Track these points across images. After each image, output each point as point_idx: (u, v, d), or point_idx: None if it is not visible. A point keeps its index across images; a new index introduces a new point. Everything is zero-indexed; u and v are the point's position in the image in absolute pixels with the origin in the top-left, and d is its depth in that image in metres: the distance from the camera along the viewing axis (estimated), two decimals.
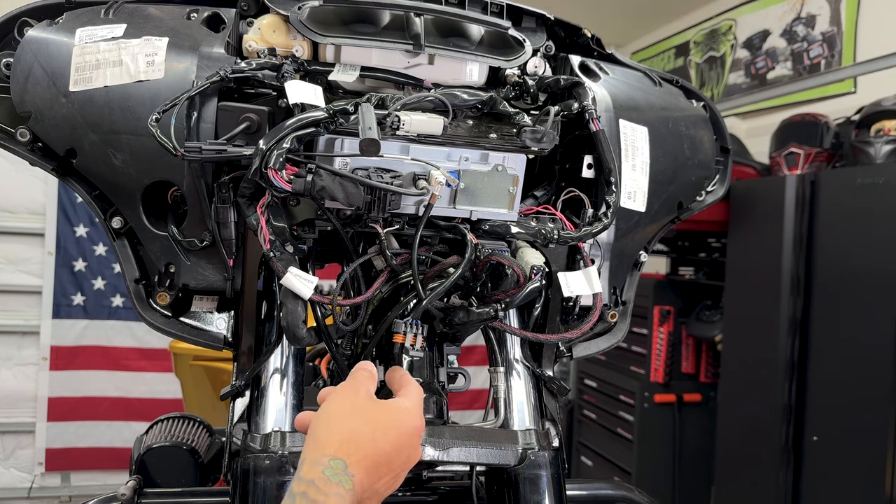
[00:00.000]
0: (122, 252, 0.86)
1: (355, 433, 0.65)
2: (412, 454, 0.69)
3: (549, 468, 0.87)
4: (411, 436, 0.69)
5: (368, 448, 0.64)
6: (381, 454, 0.65)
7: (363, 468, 0.63)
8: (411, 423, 0.69)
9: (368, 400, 0.70)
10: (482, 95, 0.81)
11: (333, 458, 0.62)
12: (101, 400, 3.57)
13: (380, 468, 0.65)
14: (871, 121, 2.57)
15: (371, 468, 0.64)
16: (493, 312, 0.81)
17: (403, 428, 0.68)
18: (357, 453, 0.64)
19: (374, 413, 0.68)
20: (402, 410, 0.70)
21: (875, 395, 2.22)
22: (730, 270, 2.81)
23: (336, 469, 0.61)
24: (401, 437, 0.67)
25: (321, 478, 0.61)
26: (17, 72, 0.79)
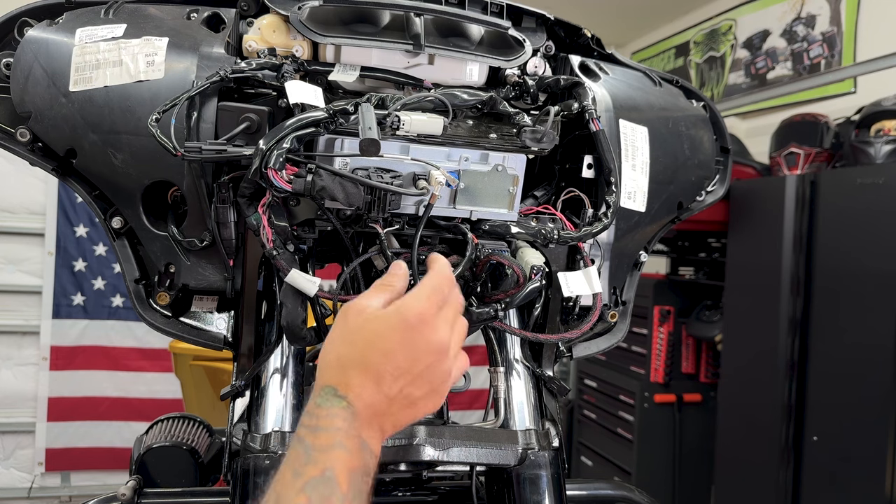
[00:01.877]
0: (122, 252, 0.86)
1: (340, 357, 0.64)
2: (429, 346, 0.65)
3: (549, 468, 0.87)
4: (406, 335, 0.64)
5: (355, 366, 0.63)
6: (374, 367, 0.63)
7: (355, 385, 0.62)
8: (401, 323, 0.64)
9: (356, 317, 0.66)
10: (482, 95, 0.81)
11: (324, 388, 0.63)
12: (101, 400, 3.57)
13: (381, 378, 0.63)
14: (871, 121, 2.57)
15: (367, 383, 0.62)
16: (493, 312, 0.81)
17: (391, 333, 0.64)
18: (344, 375, 0.63)
19: (357, 329, 0.65)
20: (388, 315, 0.65)
21: (875, 395, 2.22)
22: (730, 270, 2.81)
23: (326, 395, 0.62)
24: (389, 341, 0.64)
25: (314, 406, 0.61)
26: (17, 72, 0.79)
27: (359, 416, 0.61)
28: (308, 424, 0.60)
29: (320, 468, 0.57)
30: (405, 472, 0.94)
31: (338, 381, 0.63)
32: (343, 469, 0.57)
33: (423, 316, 0.65)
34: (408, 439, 0.78)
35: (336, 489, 0.56)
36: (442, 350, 0.66)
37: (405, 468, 0.85)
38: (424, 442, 0.78)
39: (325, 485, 0.56)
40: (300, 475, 0.56)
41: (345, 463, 0.58)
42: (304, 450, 0.58)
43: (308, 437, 0.59)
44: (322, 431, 0.59)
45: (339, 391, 0.62)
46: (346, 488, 0.57)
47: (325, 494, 0.55)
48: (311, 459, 0.57)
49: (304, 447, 0.58)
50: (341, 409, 0.61)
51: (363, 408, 0.62)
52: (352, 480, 0.58)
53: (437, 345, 0.66)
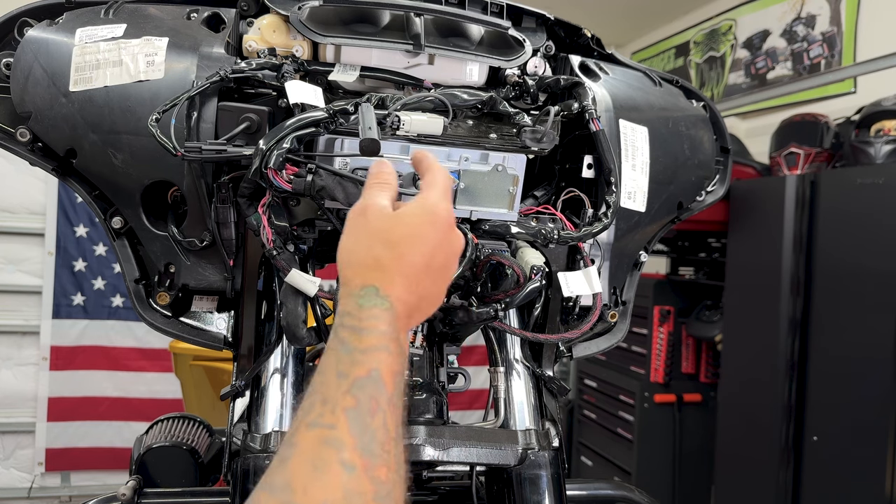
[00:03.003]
0: (122, 252, 0.86)
1: (378, 258, 0.62)
2: (451, 245, 0.67)
3: (549, 468, 0.87)
4: (441, 233, 0.65)
5: (395, 266, 0.62)
6: (411, 266, 0.62)
7: (397, 285, 0.61)
8: (435, 221, 0.65)
9: (381, 218, 0.65)
10: (482, 95, 0.81)
11: (363, 287, 0.61)
12: (101, 400, 3.57)
13: (417, 277, 0.63)
14: (871, 121, 2.57)
15: (406, 282, 0.62)
16: (493, 312, 0.81)
17: (429, 231, 0.64)
18: (385, 275, 0.61)
19: (390, 230, 0.64)
20: (420, 214, 0.65)
21: (875, 395, 2.22)
22: (730, 270, 2.81)
23: (367, 295, 0.60)
24: (427, 241, 0.64)
25: (355, 306, 0.59)
26: (17, 72, 0.79)
27: (399, 317, 0.61)
28: (350, 325, 0.58)
29: (366, 368, 0.55)
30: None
31: (380, 281, 0.61)
32: (388, 370, 0.56)
33: (450, 214, 0.67)
34: (408, 439, 0.78)
35: (383, 389, 0.55)
36: (460, 248, 0.69)
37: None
38: (424, 442, 0.78)
39: (373, 385, 0.55)
40: (346, 376, 0.55)
41: (389, 365, 0.57)
42: (347, 351, 0.57)
43: (351, 339, 0.57)
44: (366, 333, 0.58)
45: (381, 291, 0.60)
46: (392, 389, 0.56)
47: (372, 394, 0.54)
48: (355, 361, 0.56)
49: (346, 349, 0.57)
50: (384, 311, 0.59)
51: (402, 308, 0.61)
52: (396, 382, 0.57)
53: (459, 243, 0.68)
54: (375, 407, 0.54)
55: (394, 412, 0.55)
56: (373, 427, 0.53)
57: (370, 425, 0.53)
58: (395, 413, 0.56)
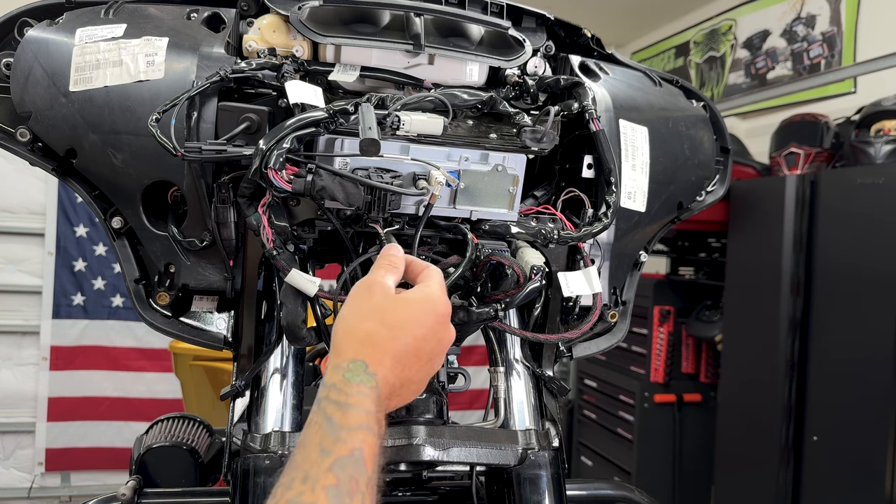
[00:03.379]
0: (122, 252, 0.86)
1: (372, 335, 0.64)
2: (443, 337, 0.69)
3: (549, 468, 0.87)
4: (436, 323, 0.67)
5: (388, 346, 0.63)
6: (402, 349, 0.64)
7: (385, 366, 0.62)
8: (434, 310, 0.67)
9: (384, 297, 0.67)
10: (482, 95, 0.81)
11: (352, 361, 0.62)
12: (101, 400, 3.57)
13: (405, 361, 0.64)
14: (871, 121, 2.57)
15: (394, 364, 0.63)
16: (493, 312, 0.81)
17: (426, 318, 0.66)
18: (376, 352, 0.63)
19: (391, 310, 0.66)
20: (421, 301, 0.68)
21: (875, 395, 2.22)
22: (730, 270, 2.81)
23: (356, 370, 0.61)
24: (423, 327, 0.66)
25: (342, 380, 0.60)
26: (17, 72, 0.79)
27: (382, 398, 0.61)
28: (336, 400, 0.59)
29: (349, 447, 0.56)
30: (405, 472, 0.94)
31: (370, 357, 0.62)
32: (370, 451, 0.57)
33: (448, 308, 0.69)
34: (408, 439, 0.78)
35: (363, 471, 0.55)
36: (450, 342, 0.70)
37: (405, 468, 0.85)
38: (424, 442, 0.78)
39: (354, 465, 0.55)
40: (329, 453, 0.55)
41: (371, 445, 0.57)
42: (332, 428, 0.57)
43: (337, 415, 0.58)
44: (352, 410, 0.58)
45: (370, 368, 0.62)
46: (372, 470, 0.56)
47: (353, 475, 0.54)
48: (339, 438, 0.56)
49: (332, 425, 0.57)
50: (371, 389, 0.60)
51: (386, 389, 0.62)
52: (375, 463, 0.57)
53: (450, 337, 0.70)
54: (355, 488, 0.54)
55: (371, 494, 0.55)
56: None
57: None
58: (372, 495, 0.56)
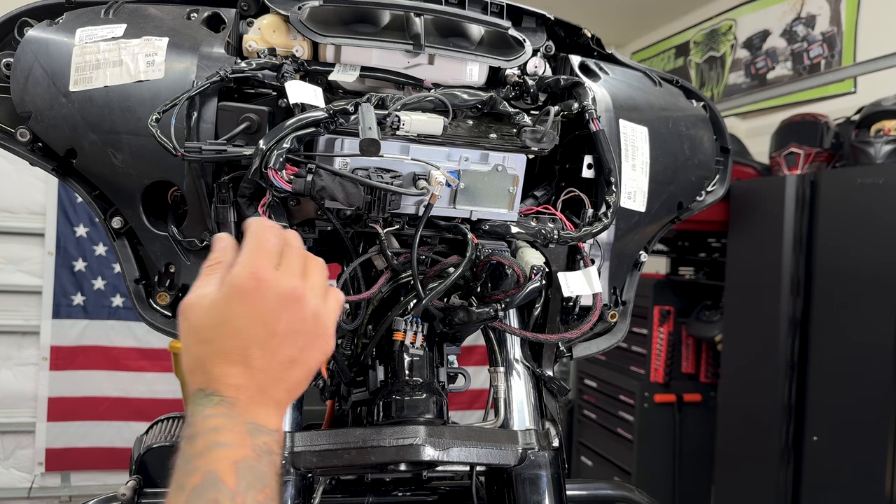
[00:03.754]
0: (122, 252, 0.86)
1: (198, 360, 0.61)
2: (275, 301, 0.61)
3: (549, 468, 0.87)
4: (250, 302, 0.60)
5: (215, 362, 0.60)
6: (228, 355, 0.60)
7: (226, 378, 0.60)
8: (237, 294, 0.61)
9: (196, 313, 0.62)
10: (482, 95, 0.81)
11: (194, 394, 0.60)
12: (101, 400, 3.57)
13: (249, 358, 0.60)
14: (871, 121, 2.57)
15: (236, 370, 0.60)
16: (493, 312, 0.81)
17: (234, 308, 0.60)
18: (208, 375, 0.60)
19: (202, 324, 0.61)
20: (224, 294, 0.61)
21: (875, 395, 2.22)
22: (730, 270, 2.81)
23: (197, 401, 0.59)
24: (236, 319, 0.60)
25: (189, 415, 0.59)
26: (17, 72, 0.79)
27: (238, 404, 0.59)
28: (186, 435, 0.58)
29: (201, 474, 0.55)
30: (405, 472, 0.94)
31: (203, 381, 0.60)
32: (227, 466, 0.55)
33: (256, 275, 0.61)
34: (408, 439, 0.78)
35: (223, 488, 0.54)
36: (294, 297, 0.62)
37: (405, 468, 0.85)
38: (424, 442, 0.78)
39: (210, 489, 0.54)
40: (183, 487, 0.54)
41: (228, 459, 0.56)
42: (184, 461, 0.56)
43: (186, 448, 0.57)
44: (198, 437, 0.57)
45: (207, 389, 0.60)
46: (235, 483, 0.55)
47: (211, 498, 0.54)
48: (190, 469, 0.55)
49: (183, 459, 0.56)
50: (214, 408, 0.58)
51: (239, 393, 0.60)
52: (240, 472, 0.56)
53: (285, 295, 0.62)
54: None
55: (243, 502, 0.54)
56: None
57: None
58: (248, 500, 0.55)
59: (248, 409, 0.60)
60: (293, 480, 0.79)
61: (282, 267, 0.63)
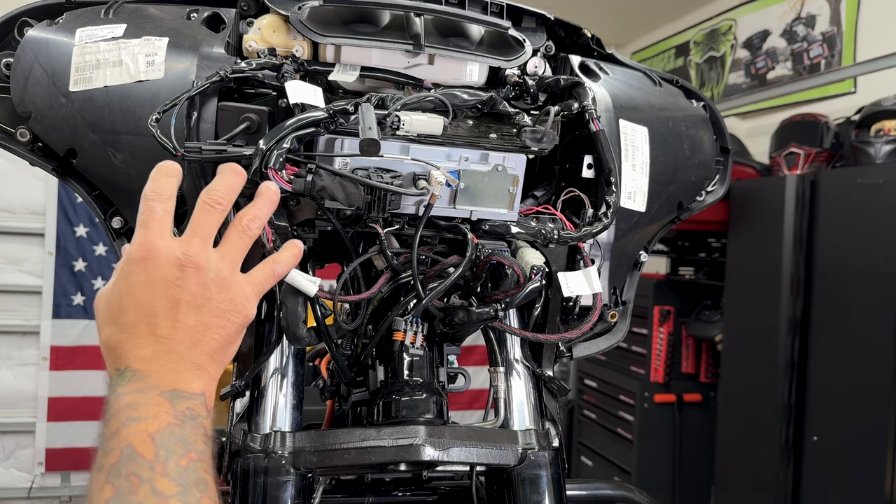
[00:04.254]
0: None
1: (107, 342, 0.62)
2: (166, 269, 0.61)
3: (549, 468, 0.87)
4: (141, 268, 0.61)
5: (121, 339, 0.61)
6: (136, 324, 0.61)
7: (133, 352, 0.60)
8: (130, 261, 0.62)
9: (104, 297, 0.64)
10: (482, 95, 0.81)
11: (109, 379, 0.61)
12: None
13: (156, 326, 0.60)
14: (871, 121, 2.58)
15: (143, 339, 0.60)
16: (493, 312, 0.80)
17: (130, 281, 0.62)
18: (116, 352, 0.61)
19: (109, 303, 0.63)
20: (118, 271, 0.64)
21: (875, 395, 2.22)
22: (730, 270, 2.81)
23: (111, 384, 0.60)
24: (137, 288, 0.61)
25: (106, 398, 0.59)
26: (17, 72, 0.79)
27: (151, 375, 0.59)
28: (102, 420, 0.58)
29: (117, 451, 0.55)
30: (405, 472, 0.94)
31: (116, 361, 0.61)
32: (143, 438, 0.55)
33: (146, 245, 0.61)
34: (408, 439, 0.78)
35: (140, 461, 0.54)
36: (191, 263, 0.61)
37: (405, 468, 0.85)
38: (424, 442, 0.78)
39: (127, 464, 0.54)
40: (102, 468, 0.55)
41: (143, 431, 0.56)
42: (101, 443, 0.56)
43: (103, 430, 0.57)
44: (112, 417, 0.57)
45: (119, 366, 0.60)
46: (153, 454, 0.55)
47: (129, 472, 0.53)
48: (106, 449, 0.55)
49: (101, 441, 0.56)
50: (127, 385, 0.59)
51: (150, 364, 0.60)
52: (158, 441, 0.55)
53: (180, 262, 0.61)
54: (136, 482, 0.53)
55: (164, 470, 0.54)
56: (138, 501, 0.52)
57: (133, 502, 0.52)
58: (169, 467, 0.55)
59: (163, 377, 0.59)
60: (293, 480, 0.79)
61: (185, 234, 0.63)
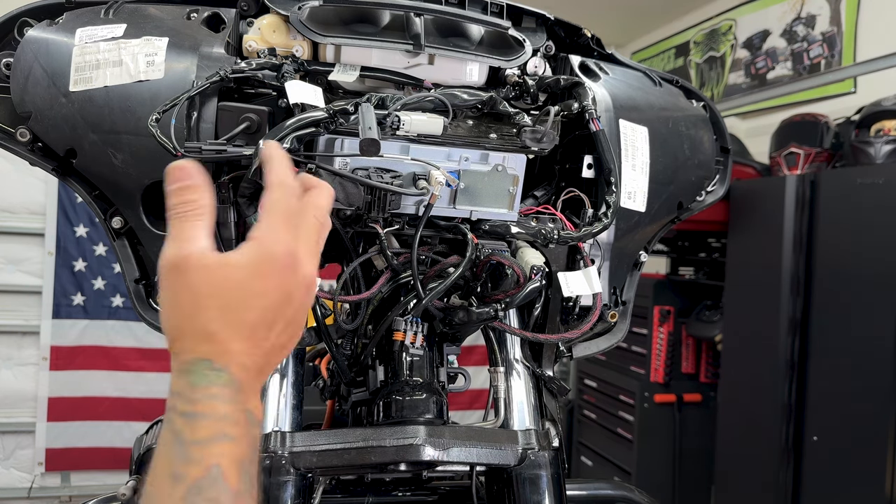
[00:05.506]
0: (122, 252, 0.86)
1: (206, 328, 0.54)
2: (300, 289, 0.57)
3: (549, 468, 0.87)
4: (282, 278, 0.56)
5: (229, 333, 0.54)
6: (250, 329, 0.55)
7: (236, 354, 0.54)
8: (273, 266, 0.56)
9: (203, 272, 0.55)
10: (482, 95, 0.81)
11: (194, 362, 0.53)
12: (101, 400, 3.57)
13: (260, 337, 0.55)
14: (871, 121, 2.58)
15: (247, 347, 0.55)
16: (493, 312, 0.81)
17: (266, 282, 0.55)
18: (219, 346, 0.53)
19: (218, 288, 0.54)
20: (255, 259, 0.55)
21: (875, 395, 2.22)
22: (730, 270, 2.81)
23: (200, 370, 0.53)
24: (266, 293, 0.55)
25: (187, 386, 0.52)
26: (17, 72, 0.79)
27: (243, 388, 0.53)
28: (183, 411, 0.51)
29: (205, 466, 0.49)
30: (405, 472, 0.94)
31: (213, 353, 0.53)
32: (231, 463, 0.50)
33: (289, 252, 0.57)
34: (408, 439, 0.78)
35: (225, 488, 0.49)
36: (310, 285, 0.59)
37: (405, 468, 0.85)
38: (424, 442, 0.78)
39: (213, 485, 0.48)
40: (181, 479, 0.49)
41: (233, 454, 0.50)
42: (181, 446, 0.50)
43: (185, 429, 0.50)
44: (202, 419, 0.50)
45: (216, 363, 0.53)
46: (237, 482, 0.50)
47: (212, 497, 0.48)
48: (191, 458, 0.49)
49: (180, 442, 0.50)
50: (222, 388, 0.52)
51: (247, 375, 0.54)
52: (242, 471, 0.50)
53: (306, 281, 0.58)
54: None
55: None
56: None
57: None
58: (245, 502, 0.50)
59: (249, 394, 0.54)
60: (293, 480, 0.79)
61: (301, 242, 0.59)
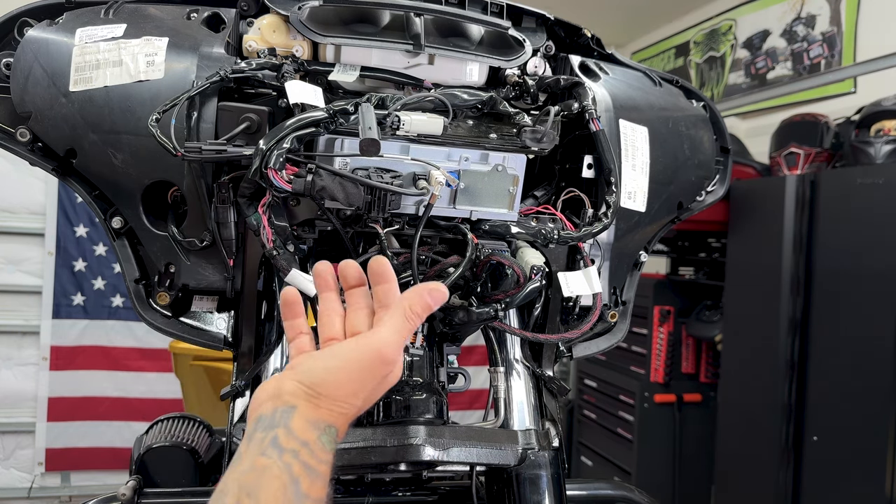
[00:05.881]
0: (122, 252, 0.86)
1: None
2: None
3: (549, 468, 0.87)
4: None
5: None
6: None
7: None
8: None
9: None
10: (482, 95, 0.81)
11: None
12: (101, 400, 3.57)
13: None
14: (871, 121, 2.57)
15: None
16: (493, 312, 0.81)
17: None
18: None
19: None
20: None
21: (875, 395, 2.22)
22: (730, 270, 2.81)
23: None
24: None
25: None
26: (17, 72, 0.79)
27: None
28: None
29: None
30: (405, 472, 0.94)
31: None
32: None
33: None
34: (408, 439, 0.78)
35: None
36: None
37: (405, 468, 0.85)
38: (424, 442, 0.78)
39: None
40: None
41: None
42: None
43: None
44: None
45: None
46: None
47: None
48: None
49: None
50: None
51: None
52: None
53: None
54: None
55: None
56: None
57: None
58: None
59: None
60: None
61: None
